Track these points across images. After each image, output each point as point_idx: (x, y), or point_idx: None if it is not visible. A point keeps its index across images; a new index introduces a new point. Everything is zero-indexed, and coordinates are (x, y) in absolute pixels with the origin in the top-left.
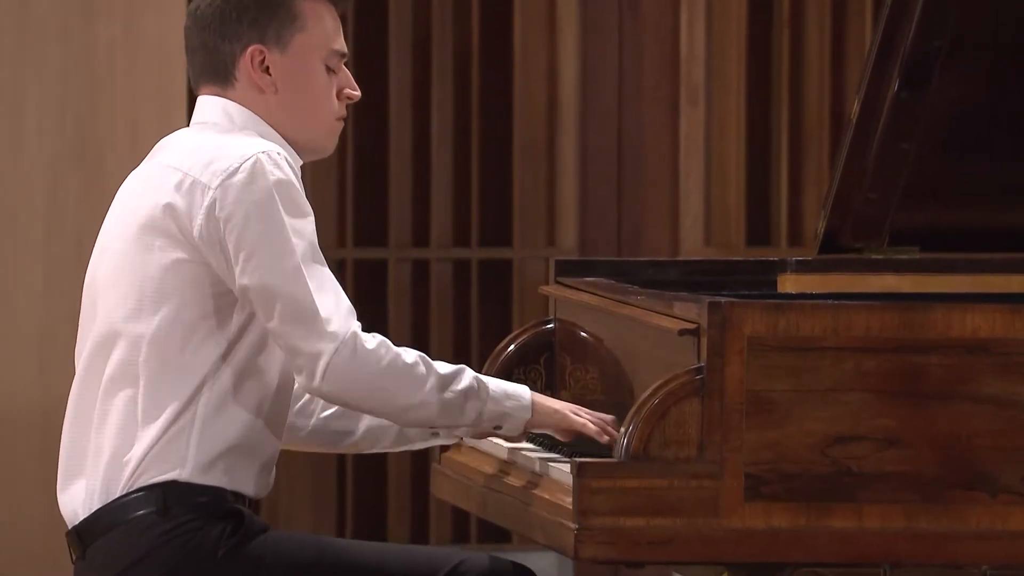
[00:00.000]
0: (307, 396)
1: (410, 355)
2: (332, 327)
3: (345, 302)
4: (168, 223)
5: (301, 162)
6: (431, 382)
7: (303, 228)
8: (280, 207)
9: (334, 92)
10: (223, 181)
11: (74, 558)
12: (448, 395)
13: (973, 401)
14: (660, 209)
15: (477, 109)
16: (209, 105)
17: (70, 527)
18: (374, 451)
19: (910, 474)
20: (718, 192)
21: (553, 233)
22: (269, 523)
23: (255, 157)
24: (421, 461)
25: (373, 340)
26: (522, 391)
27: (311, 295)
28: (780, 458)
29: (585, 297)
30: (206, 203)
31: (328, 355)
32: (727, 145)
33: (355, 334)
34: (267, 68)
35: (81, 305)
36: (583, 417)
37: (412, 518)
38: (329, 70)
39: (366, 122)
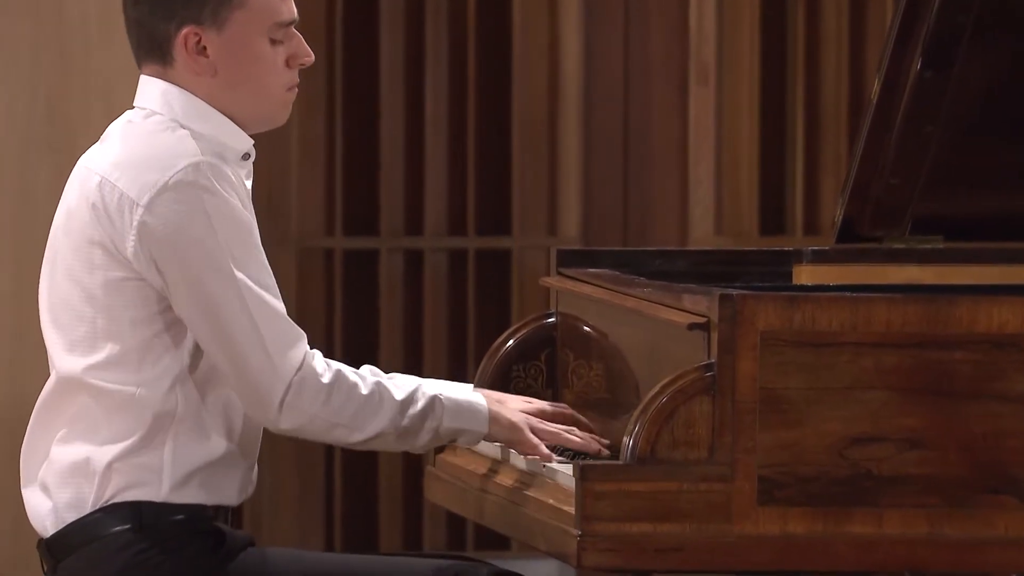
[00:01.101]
0: None
1: (366, 383)
2: (278, 366)
3: (291, 332)
4: (103, 238)
5: (249, 148)
6: (389, 411)
7: (238, 246)
8: (209, 228)
9: (282, 62)
10: (151, 199)
11: (45, 569)
12: (405, 421)
13: (1001, 400)
14: (668, 196)
15: (473, 88)
16: (149, 90)
17: (40, 538)
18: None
19: (934, 477)
20: (730, 177)
21: (554, 221)
22: (253, 534)
23: (184, 170)
24: (413, 464)
25: (326, 372)
26: (478, 404)
27: (252, 332)
28: (796, 460)
29: (588, 289)
30: (135, 223)
31: (279, 396)
32: (739, 127)
33: (303, 370)
34: (204, 49)
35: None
36: (537, 435)
37: (404, 525)
38: (274, 42)
39: (356, 103)
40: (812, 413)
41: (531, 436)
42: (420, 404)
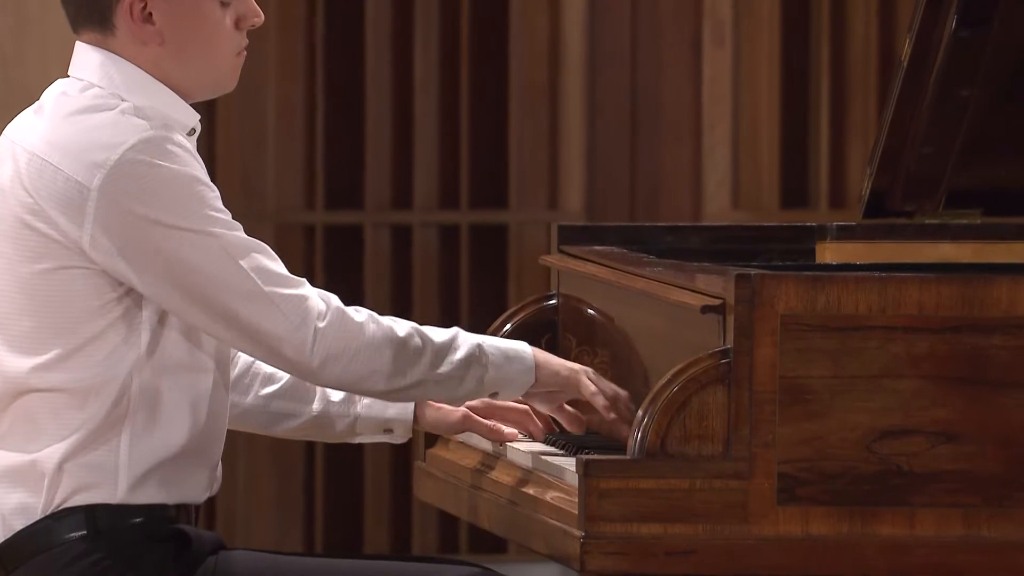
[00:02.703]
0: (242, 367)
1: (400, 325)
2: (289, 315)
3: (292, 278)
4: (43, 224)
5: (195, 123)
6: (429, 356)
7: (207, 210)
8: (174, 200)
9: (231, 25)
10: (103, 182)
11: None
12: (445, 367)
13: None
14: (680, 166)
15: (467, 49)
16: (87, 60)
17: None
18: (307, 439)
19: (970, 473)
20: (747, 146)
21: (556, 194)
22: (224, 537)
23: (134, 147)
24: (402, 459)
25: (356, 312)
26: (523, 351)
27: (252, 290)
28: (819, 455)
29: (593, 269)
30: (90, 210)
31: (308, 344)
32: (758, 91)
33: (328, 311)
34: (149, 16)
35: None
36: (595, 385)
37: (392, 526)
38: (223, 4)
39: (338, 66)
40: (837, 404)
41: (590, 383)
42: (462, 350)
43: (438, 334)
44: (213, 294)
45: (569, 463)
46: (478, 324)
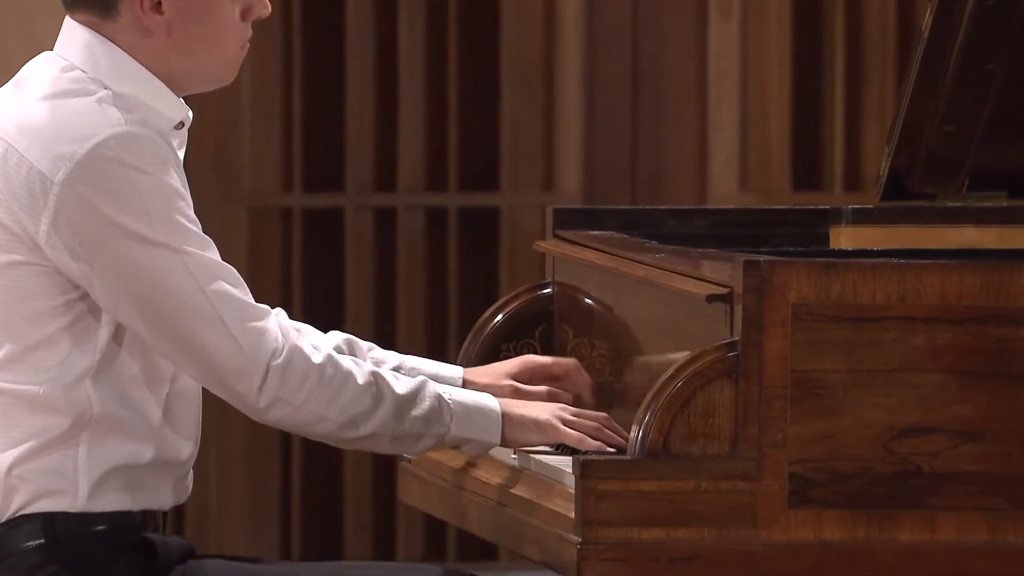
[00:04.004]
0: None
1: (362, 371)
2: (245, 347)
3: (255, 309)
4: (6, 216)
5: (184, 117)
6: (388, 409)
7: (175, 223)
8: (139, 207)
9: (239, 17)
10: (67, 176)
11: None
12: (406, 425)
13: None
14: (684, 146)
15: (455, 21)
16: (73, 39)
17: None
18: None
19: (995, 475)
20: (756, 124)
21: (551, 175)
22: (195, 544)
23: (104, 142)
24: (385, 460)
25: (316, 353)
26: (489, 405)
27: (208, 313)
28: (833, 455)
29: (591, 255)
30: (50, 203)
31: (256, 381)
32: (767, 66)
33: (285, 350)
34: (158, 4)
35: None
36: (575, 428)
37: (375, 531)
38: None
39: (318, 38)
40: (852, 400)
41: (568, 430)
42: (425, 404)
43: (401, 385)
44: (169, 314)
45: (565, 463)
46: (467, 314)
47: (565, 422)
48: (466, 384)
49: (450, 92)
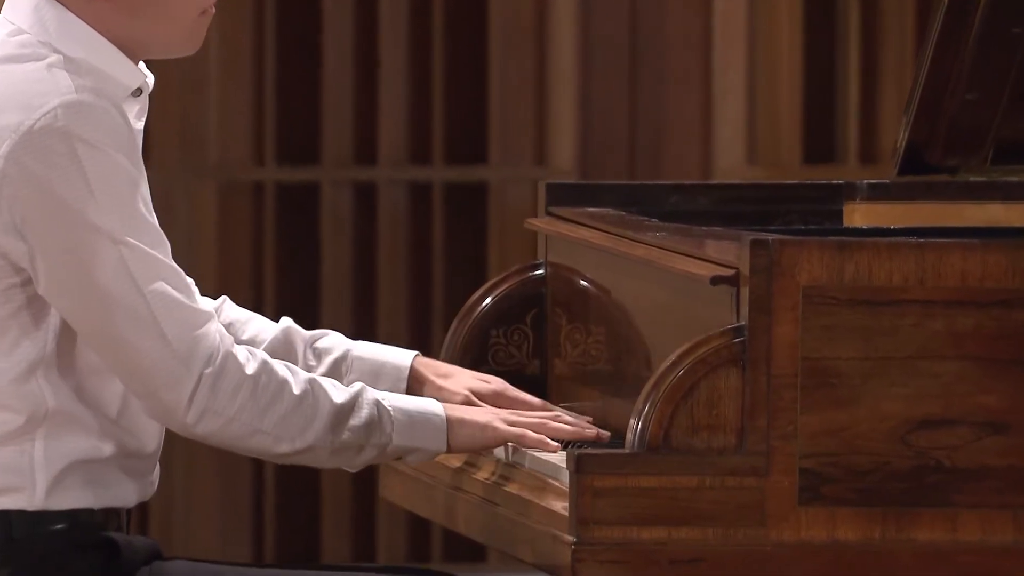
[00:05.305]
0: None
1: (297, 380)
2: (180, 353)
3: (196, 313)
4: None
5: (141, 83)
6: (324, 419)
7: (120, 207)
8: (84, 185)
9: None
10: (12, 148)
11: None
12: (345, 436)
13: None
14: (687, 116)
15: None
16: (21, 2)
17: None
18: None
19: (1021, 469)
20: (765, 93)
21: (543, 148)
22: (160, 544)
23: (53, 112)
24: None
25: (249, 362)
26: (433, 410)
27: (143, 313)
28: (847, 449)
29: (586, 234)
30: None
31: (187, 392)
32: (777, 30)
33: (219, 358)
34: None
35: None
36: (518, 424)
37: (354, 531)
38: None
39: (293, 1)
40: (868, 390)
41: (509, 428)
42: (363, 413)
43: (339, 393)
44: (99, 310)
45: (559, 458)
46: (453, 297)
47: (507, 422)
48: (414, 372)
49: (435, 57)
